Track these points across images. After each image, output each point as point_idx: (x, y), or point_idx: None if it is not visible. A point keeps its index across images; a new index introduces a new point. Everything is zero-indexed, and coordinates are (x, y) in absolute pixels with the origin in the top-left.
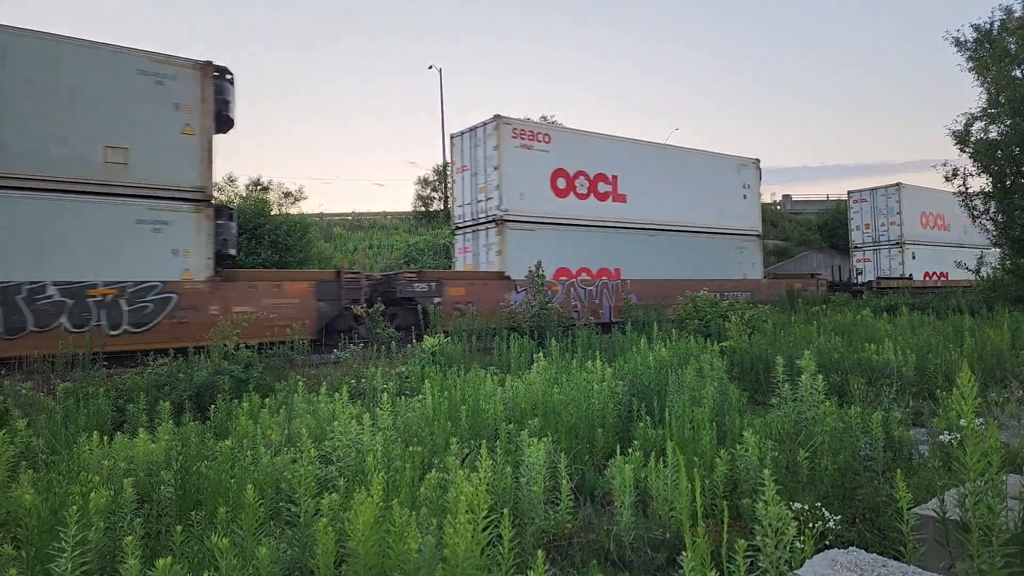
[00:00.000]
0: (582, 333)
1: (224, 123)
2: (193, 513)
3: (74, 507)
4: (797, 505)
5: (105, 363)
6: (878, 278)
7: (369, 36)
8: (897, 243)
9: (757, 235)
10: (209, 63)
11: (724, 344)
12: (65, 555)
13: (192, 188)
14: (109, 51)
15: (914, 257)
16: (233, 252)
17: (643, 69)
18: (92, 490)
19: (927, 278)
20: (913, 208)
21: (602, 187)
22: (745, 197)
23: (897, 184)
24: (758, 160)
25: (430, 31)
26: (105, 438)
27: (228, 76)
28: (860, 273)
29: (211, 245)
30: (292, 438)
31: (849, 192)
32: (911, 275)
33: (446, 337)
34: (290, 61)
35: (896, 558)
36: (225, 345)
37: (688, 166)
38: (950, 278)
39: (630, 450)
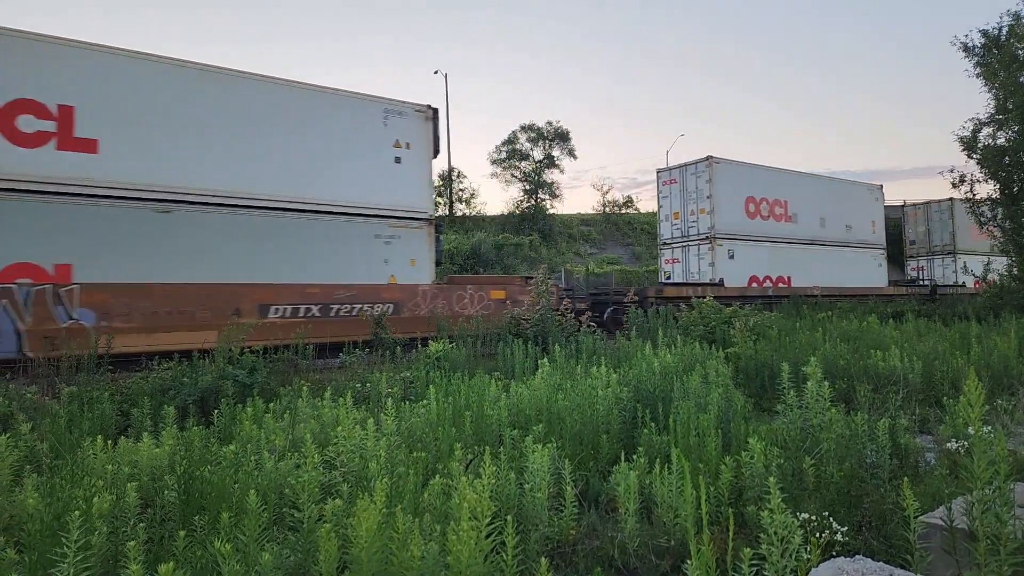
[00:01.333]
0: (586, 339)
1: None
2: (196, 518)
3: (76, 512)
4: (804, 515)
5: (110, 367)
6: (660, 285)
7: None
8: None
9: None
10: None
11: (729, 350)
12: (67, 560)
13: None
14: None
15: (732, 256)
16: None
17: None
18: (95, 494)
19: (754, 284)
20: (733, 191)
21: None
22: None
23: (708, 158)
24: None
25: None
26: (109, 442)
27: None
28: (668, 277)
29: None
30: (296, 443)
31: (658, 171)
32: (721, 280)
33: (451, 343)
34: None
35: (903, 567)
36: (230, 349)
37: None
38: (793, 283)
39: (635, 456)
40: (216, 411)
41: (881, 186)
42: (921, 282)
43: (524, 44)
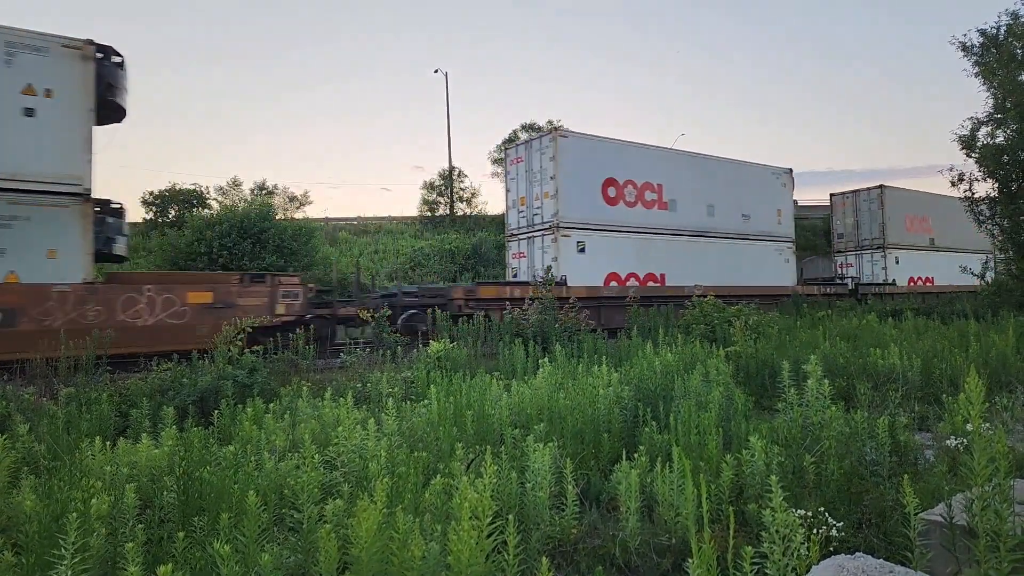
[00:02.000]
0: (588, 338)
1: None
2: (196, 519)
3: (74, 513)
4: (801, 511)
5: (108, 368)
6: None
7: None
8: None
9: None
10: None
11: (730, 349)
12: (65, 562)
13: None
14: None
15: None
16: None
17: (649, 73)
18: (93, 496)
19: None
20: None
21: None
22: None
23: (553, 130)
24: (790, 169)
25: (435, 34)
26: (108, 443)
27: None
28: (515, 274)
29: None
30: (296, 443)
31: (504, 148)
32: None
33: (452, 342)
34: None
35: (902, 563)
36: (229, 350)
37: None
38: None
39: (636, 455)
40: (216, 412)
41: (790, 170)
42: (841, 280)
43: (525, 42)
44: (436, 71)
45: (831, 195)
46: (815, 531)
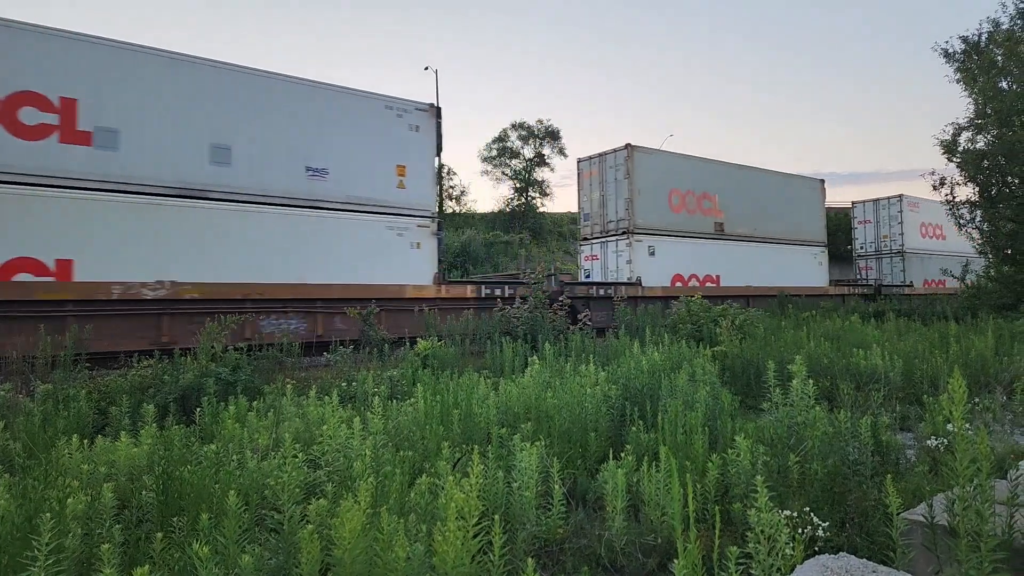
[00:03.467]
0: (576, 337)
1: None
2: (175, 519)
3: (48, 513)
4: (786, 512)
5: (87, 365)
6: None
7: (365, 36)
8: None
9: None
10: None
11: (716, 349)
12: (38, 563)
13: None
14: None
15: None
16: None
17: (630, 72)
18: (69, 495)
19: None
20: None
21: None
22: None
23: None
24: (823, 181)
25: (426, 32)
26: (85, 442)
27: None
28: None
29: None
30: (280, 442)
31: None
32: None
33: (439, 340)
34: (285, 62)
35: (885, 563)
36: (212, 347)
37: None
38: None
39: (623, 455)
40: (198, 410)
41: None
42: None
43: (515, 42)
44: (426, 68)
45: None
46: (800, 531)
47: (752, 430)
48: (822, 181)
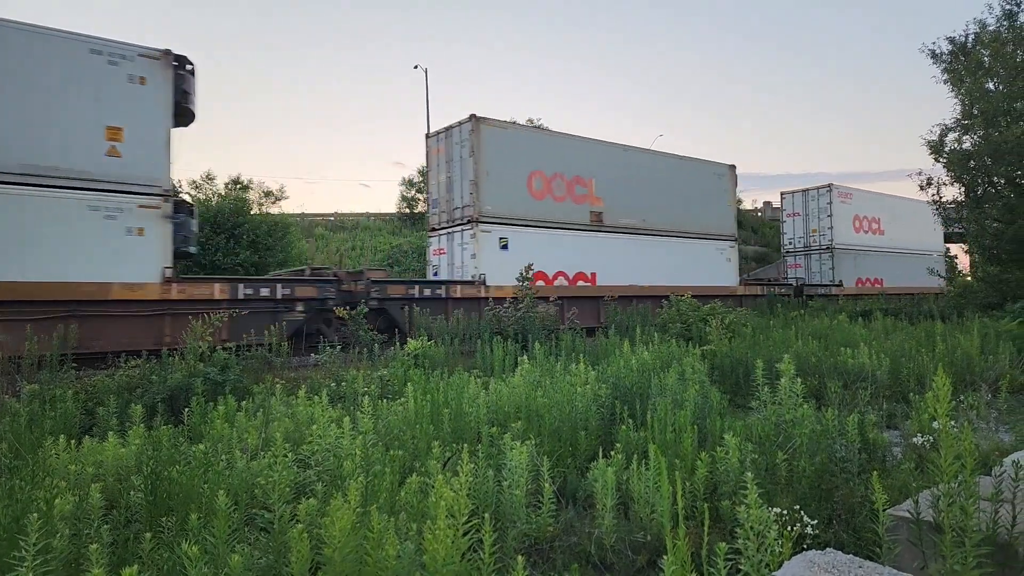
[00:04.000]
0: (566, 336)
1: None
2: (164, 520)
3: (35, 514)
4: (776, 510)
5: (74, 365)
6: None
7: (356, 35)
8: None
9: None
10: (734, 165)
11: (705, 348)
12: (26, 563)
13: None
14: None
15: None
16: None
17: (628, 74)
18: (57, 496)
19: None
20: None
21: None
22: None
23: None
24: (733, 166)
25: (416, 32)
26: (73, 442)
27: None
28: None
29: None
30: (269, 442)
31: (426, 136)
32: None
33: (429, 340)
34: (277, 61)
35: (871, 559)
36: (200, 346)
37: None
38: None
39: (612, 453)
40: (186, 410)
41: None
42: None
43: (506, 40)
44: (416, 67)
45: (426, 135)
46: (789, 528)
47: (741, 428)
48: (732, 166)
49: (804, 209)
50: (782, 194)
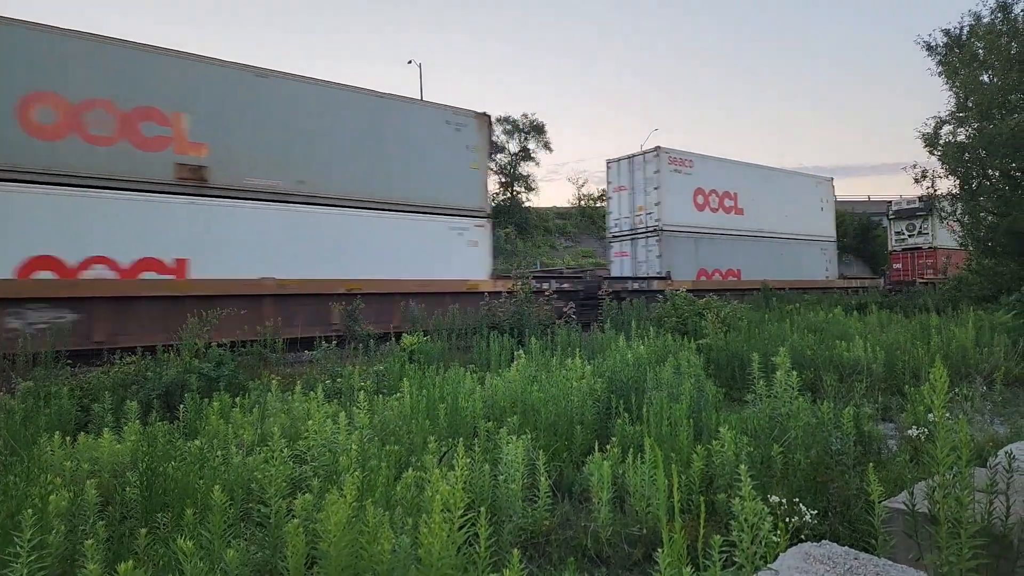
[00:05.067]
0: (562, 331)
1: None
2: (159, 515)
3: (30, 510)
4: (774, 499)
5: (68, 362)
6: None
7: (349, 30)
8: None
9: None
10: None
11: (701, 342)
12: (20, 559)
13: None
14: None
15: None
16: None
17: (623, 67)
18: (52, 492)
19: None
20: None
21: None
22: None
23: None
24: (832, 179)
25: (410, 25)
26: (68, 439)
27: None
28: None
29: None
30: (265, 438)
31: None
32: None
33: (425, 335)
34: (271, 56)
35: (867, 550)
36: (195, 342)
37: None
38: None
39: (608, 447)
40: (181, 406)
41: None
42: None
43: (501, 36)
44: (410, 62)
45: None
46: (786, 520)
47: (736, 421)
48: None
49: (631, 182)
50: (608, 163)
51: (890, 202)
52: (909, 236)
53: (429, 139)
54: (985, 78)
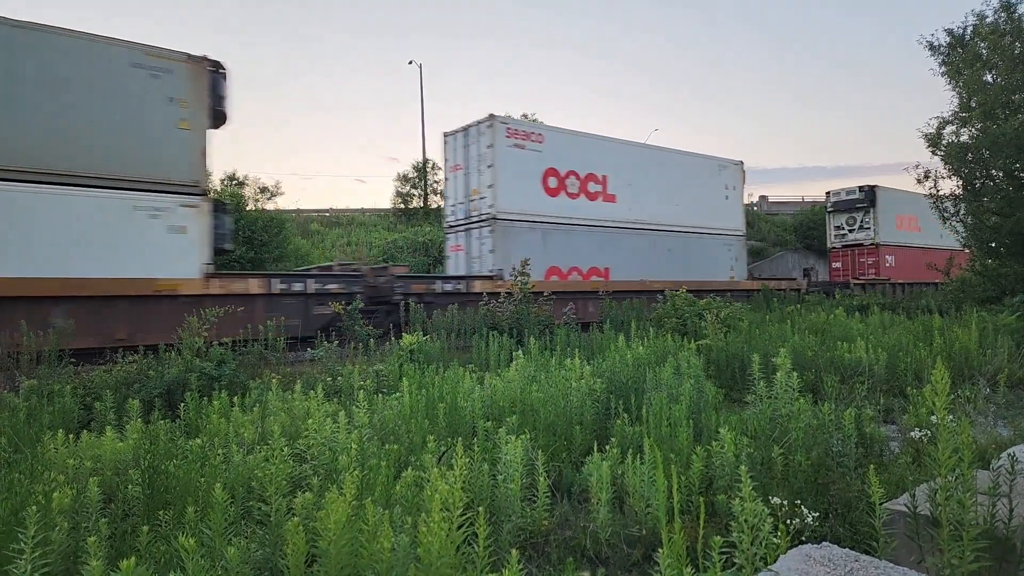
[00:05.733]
0: (561, 331)
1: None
2: (161, 513)
3: (34, 507)
4: (775, 500)
5: (71, 360)
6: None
7: (350, 31)
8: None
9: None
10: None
11: (701, 342)
12: (24, 556)
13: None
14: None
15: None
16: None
17: (625, 68)
18: (55, 489)
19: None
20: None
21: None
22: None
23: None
24: (741, 162)
25: (412, 27)
26: (71, 437)
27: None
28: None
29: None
30: (265, 436)
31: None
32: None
33: (425, 335)
34: (272, 56)
35: (868, 553)
36: (196, 341)
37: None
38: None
39: (607, 447)
40: (182, 405)
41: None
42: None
43: (501, 36)
44: (411, 63)
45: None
46: (787, 522)
47: (736, 422)
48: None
49: (465, 159)
50: (444, 136)
51: (828, 192)
52: (849, 231)
53: (100, 85)
54: (989, 78)
